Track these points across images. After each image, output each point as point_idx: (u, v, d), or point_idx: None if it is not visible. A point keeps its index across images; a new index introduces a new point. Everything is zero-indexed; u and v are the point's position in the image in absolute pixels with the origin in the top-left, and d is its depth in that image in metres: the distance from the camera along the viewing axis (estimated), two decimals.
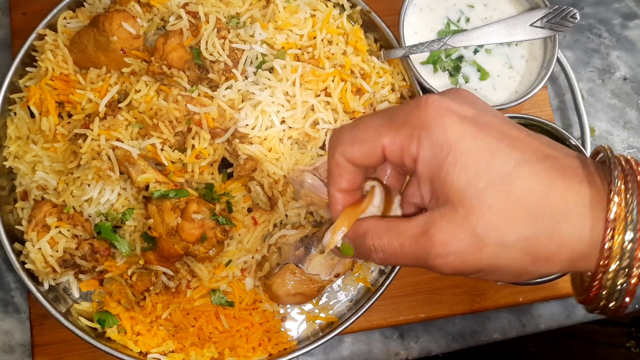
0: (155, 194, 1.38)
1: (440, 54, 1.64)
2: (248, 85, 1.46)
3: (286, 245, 1.43)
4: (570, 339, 2.59)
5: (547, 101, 1.80)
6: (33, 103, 1.48)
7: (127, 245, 1.43)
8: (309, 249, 1.44)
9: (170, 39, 1.45)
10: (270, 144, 1.44)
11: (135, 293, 1.46)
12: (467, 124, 0.81)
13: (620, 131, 1.86)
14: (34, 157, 1.48)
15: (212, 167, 1.48)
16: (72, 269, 1.43)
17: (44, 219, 1.42)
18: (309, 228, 1.45)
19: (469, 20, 1.67)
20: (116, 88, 1.46)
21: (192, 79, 1.47)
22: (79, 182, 1.44)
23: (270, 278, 1.42)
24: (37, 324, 1.54)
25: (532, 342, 2.73)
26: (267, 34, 1.48)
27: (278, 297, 1.43)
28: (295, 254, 1.43)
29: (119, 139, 1.41)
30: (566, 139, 1.58)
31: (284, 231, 1.44)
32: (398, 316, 1.62)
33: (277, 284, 1.41)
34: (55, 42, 1.52)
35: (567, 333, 2.58)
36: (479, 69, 1.65)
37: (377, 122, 0.86)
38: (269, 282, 1.42)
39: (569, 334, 2.57)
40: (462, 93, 0.88)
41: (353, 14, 1.63)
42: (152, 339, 1.46)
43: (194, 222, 1.35)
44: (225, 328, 1.46)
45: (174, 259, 1.40)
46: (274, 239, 1.45)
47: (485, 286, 1.65)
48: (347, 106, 1.48)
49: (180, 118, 1.43)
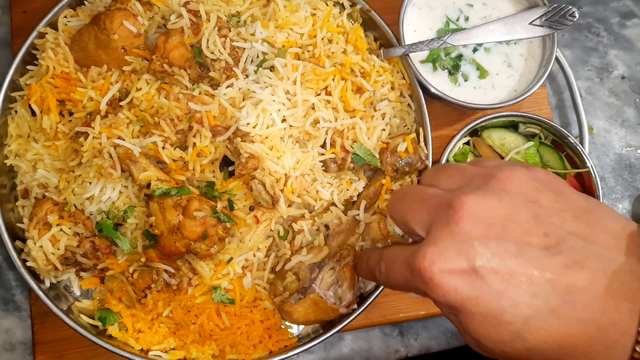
0: (157, 192, 1.38)
1: (440, 52, 1.65)
2: (249, 84, 1.46)
3: (302, 271, 1.43)
4: None
5: (546, 99, 1.81)
6: (34, 101, 1.48)
7: (129, 243, 1.43)
8: (321, 268, 1.45)
9: (171, 38, 1.45)
10: (271, 143, 1.44)
11: (137, 291, 1.46)
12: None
13: (618, 129, 1.87)
14: (34, 155, 1.48)
15: (213, 165, 1.49)
16: (73, 266, 1.44)
17: (45, 216, 1.42)
18: (325, 251, 1.45)
19: (468, 19, 1.68)
20: (117, 86, 1.46)
21: (193, 77, 1.48)
22: (80, 180, 1.44)
23: (290, 305, 1.41)
24: (38, 321, 1.55)
25: None
26: (268, 33, 1.49)
27: (297, 322, 1.45)
28: (311, 277, 1.44)
29: (120, 137, 1.42)
30: (564, 137, 1.59)
31: (301, 257, 1.44)
32: (398, 313, 1.63)
33: (298, 313, 1.41)
34: (56, 41, 1.52)
35: None
36: (478, 67, 1.66)
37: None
38: (289, 309, 1.41)
39: None
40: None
41: (353, 12, 1.64)
42: (153, 336, 1.46)
43: (196, 220, 1.35)
44: (226, 325, 1.47)
45: (175, 257, 1.41)
46: (290, 265, 1.44)
47: None
48: (348, 105, 1.49)
49: (182, 116, 1.43)
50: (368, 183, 1.56)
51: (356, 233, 1.49)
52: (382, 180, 1.52)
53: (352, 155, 1.50)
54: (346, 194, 1.53)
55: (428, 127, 1.56)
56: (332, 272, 1.43)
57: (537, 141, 1.61)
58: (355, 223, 1.49)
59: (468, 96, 1.64)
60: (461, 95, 1.63)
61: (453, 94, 1.63)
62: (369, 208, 1.51)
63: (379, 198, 1.52)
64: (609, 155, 1.86)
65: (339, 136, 1.49)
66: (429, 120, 1.57)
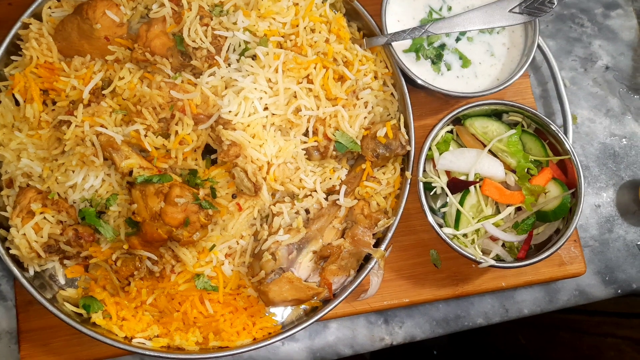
0: (139, 179, 1.39)
1: (423, 41, 1.66)
2: (231, 72, 1.47)
3: (279, 250, 1.44)
4: (559, 329, 2.61)
5: (529, 89, 1.82)
6: (17, 91, 1.49)
7: (112, 230, 1.44)
8: (300, 251, 1.46)
9: (153, 27, 1.46)
10: (253, 131, 1.45)
11: (120, 279, 1.47)
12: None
13: (602, 119, 1.88)
14: (18, 145, 1.49)
15: (195, 153, 1.50)
16: (56, 254, 1.45)
17: (28, 205, 1.43)
18: (303, 232, 1.46)
19: (451, 9, 1.69)
20: (100, 75, 1.47)
21: (175, 66, 1.49)
22: (64, 169, 1.45)
23: (266, 285, 1.42)
24: (23, 310, 1.55)
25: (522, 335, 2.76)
26: (250, 22, 1.50)
27: (274, 302, 1.45)
28: (288, 258, 1.44)
29: (102, 125, 1.43)
30: (547, 125, 1.60)
31: (277, 237, 1.45)
32: (382, 301, 1.63)
33: (273, 292, 1.42)
34: (39, 31, 1.53)
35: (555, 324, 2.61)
36: (460, 56, 1.67)
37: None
38: (264, 289, 1.42)
39: (558, 325, 2.59)
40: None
41: (336, 2, 1.65)
42: (137, 323, 1.47)
43: (177, 207, 1.36)
44: (210, 313, 1.48)
45: (157, 244, 1.41)
46: (267, 245, 1.45)
47: (468, 271, 1.67)
48: (330, 93, 1.50)
49: (164, 104, 1.44)
50: (350, 169, 1.57)
51: (337, 217, 1.49)
52: (363, 166, 1.53)
53: (335, 143, 1.51)
54: (329, 182, 1.53)
55: (410, 114, 1.57)
56: (312, 255, 1.44)
57: (519, 129, 1.62)
58: (336, 207, 1.50)
59: (451, 85, 1.65)
60: (444, 84, 1.64)
61: (436, 82, 1.64)
62: (349, 193, 1.52)
63: (359, 183, 1.53)
64: (593, 145, 1.86)
65: (321, 124, 1.50)
66: (411, 108, 1.58)
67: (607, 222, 1.82)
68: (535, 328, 2.73)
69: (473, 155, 1.58)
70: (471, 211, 1.58)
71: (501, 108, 1.64)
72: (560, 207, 1.56)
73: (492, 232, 1.55)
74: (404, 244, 1.67)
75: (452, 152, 1.60)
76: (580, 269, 1.71)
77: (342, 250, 1.47)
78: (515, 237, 1.57)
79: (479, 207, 1.58)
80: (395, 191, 1.58)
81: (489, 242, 1.59)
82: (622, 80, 1.91)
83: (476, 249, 1.56)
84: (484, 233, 1.58)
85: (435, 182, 1.59)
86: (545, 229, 1.61)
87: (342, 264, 1.48)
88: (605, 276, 1.79)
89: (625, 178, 1.84)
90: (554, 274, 1.69)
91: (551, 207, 1.57)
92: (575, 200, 1.56)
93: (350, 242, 1.48)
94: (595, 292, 1.78)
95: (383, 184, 1.57)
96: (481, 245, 1.58)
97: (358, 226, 1.48)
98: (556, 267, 1.69)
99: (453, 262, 1.66)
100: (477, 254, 1.54)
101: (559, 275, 1.70)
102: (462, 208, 1.56)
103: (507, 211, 1.57)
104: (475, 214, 1.58)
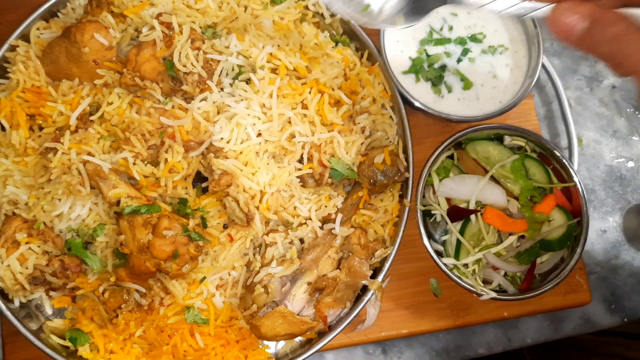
0: (126, 210, 1.34)
1: (423, 63, 1.60)
2: (224, 97, 1.43)
3: (272, 283, 1.38)
4: (566, 348, 2.56)
5: (533, 110, 1.76)
6: (4, 116, 1.45)
7: (99, 261, 1.39)
8: (294, 282, 1.40)
9: (143, 50, 1.42)
10: (246, 158, 1.40)
11: (108, 310, 1.42)
12: None
13: (608, 140, 1.82)
14: (4, 171, 1.44)
15: (186, 181, 1.45)
16: (42, 286, 1.40)
17: (13, 234, 1.39)
18: (297, 263, 1.41)
19: (452, 29, 1.64)
20: (88, 100, 1.43)
21: (166, 90, 1.44)
22: (50, 197, 1.41)
23: (258, 319, 1.37)
24: (9, 341, 1.51)
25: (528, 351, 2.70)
26: (243, 46, 1.45)
27: (266, 337, 1.39)
28: (282, 290, 1.39)
29: (90, 152, 1.38)
30: (551, 150, 1.55)
31: (270, 269, 1.39)
32: (379, 332, 1.58)
33: (266, 326, 1.37)
34: (27, 54, 1.49)
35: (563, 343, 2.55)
36: (462, 78, 1.61)
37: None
38: (257, 323, 1.37)
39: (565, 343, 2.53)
40: None
41: (333, 22, 1.60)
42: (126, 357, 1.42)
43: (166, 239, 1.32)
44: (200, 346, 1.43)
45: (145, 276, 1.37)
46: (259, 277, 1.40)
47: (469, 301, 1.61)
48: (325, 118, 1.45)
49: (153, 131, 1.39)
50: (346, 197, 1.52)
51: (333, 247, 1.44)
52: (360, 193, 1.48)
53: (330, 170, 1.46)
54: (325, 210, 1.48)
55: (409, 139, 1.52)
56: (306, 287, 1.39)
57: (522, 154, 1.56)
58: (331, 237, 1.45)
59: (452, 108, 1.60)
60: (445, 107, 1.59)
61: (436, 105, 1.59)
62: (346, 221, 1.47)
63: (356, 211, 1.48)
64: (600, 167, 1.81)
65: (316, 150, 1.45)
66: (409, 132, 1.53)
67: (613, 247, 1.76)
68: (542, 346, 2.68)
69: (474, 182, 1.53)
70: (472, 240, 1.53)
71: (504, 132, 1.58)
72: (565, 236, 1.50)
73: (493, 263, 1.50)
74: (403, 272, 1.61)
75: (453, 178, 1.55)
76: (585, 298, 1.65)
77: (338, 282, 1.42)
78: (517, 268, 1.52)
79: (480, 235, 1.53)
80: (393, 219, 1.53)
81: (490, 271, 1.53)
82: (629, 101, 1.85)
83: (477, 279, 1.51)
84: (486, 262, 1.53)
85: (435, 210, 1.54)
86: (550, 258, 1.55)
87: (338, 296, 1.43)
88: (611, 304, 1.73)
89: (632, 202, 1.78)
90: (558, 304, 1.64)
91: (555, 235, 1.51)
92: (580, 228, 1.51)
93: (346, 274, 1.43)
94: (601, 321, 1.72)
95: (381, 211, 1.51)
96: (482, 275, 1.53)
97: (354, 257, 1.43)
98: (560, 297, 1.64)
99: (454, 291, 1.60)
100: (477, 285, 1.48)
101: (564, 305, 1.64)
102: (463, 238, 1.50)
103: (509, 240, 1.52)
104: (477, 243, 1.53)
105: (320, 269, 1.44)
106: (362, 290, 1.49)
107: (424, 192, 1.56)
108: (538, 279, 1.55)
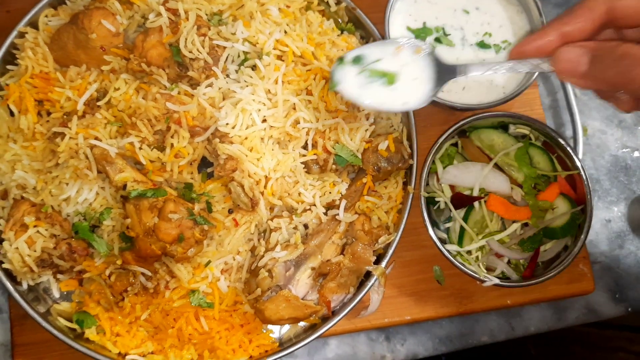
0: (133, 194, 1.36)
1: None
2: (229, 83, 1.44)
3: (276, 267, 1.40)
4: (570, 343, 2.56)
5: (538, 100, 1.76)
6: (12, 101, 1.47)
7: (105, 245, 1.41)
8: (298, 267, 1.41)
9: (150, 37, 1.43)
10: (251, 144, 1.41)
11: (114, 293, 1.44)
12: None
13: (614, 130, 1.82)
14: (13, 156, 1.46)
15: (191, 166, 1.46)
16: (50, 268, 1.42)
17: (22, 218, 1.40)
18: (301, 248, 1.42)
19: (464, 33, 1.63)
20: (95, 86, 1.44)
21: (172, 76, 1.45)
22: (57, 181, 1.42)
23: (262, 303, 1.38)
24: (17, 324, 1.53)
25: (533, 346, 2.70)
26: (249, 33, 1.46)
27: (270, 321, 1.41)
28: (286, 275, 1.40)
29: (97, 137, 1.39)
30: (556, 139, 1.55)
31: (275, 254, 1.40)
32: (383, 318, 1.59)
33: (270, 310, 1.38)
34: (35, 40, 1.50)
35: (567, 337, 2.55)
36: None
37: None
38: (261, 307, 1.38)
39: (569, 337, 2.53)
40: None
41: (338, 10, 1.61)
42: (131, 340, 1.44)
43: (171, 222, 1.33)
44: (205, 330, 1.44)
45: (151, 259, 1.38)
46: (264, 262, 1.41)
47: (473, 288, 1.62)
48: (329, 105, 1.46)
49: (159, 116, 1.41)
50: (350, 183, 1.52)
51: (336, 232, 1.45)
52: (364, 179, 1.48)
53: (334, 157, 1.46)
54: (329, 196, 1.49)
55: (413, 127, 1.53)
56: (310, 272, 1.40)
57: (526, 142, 1.56)
58: (335, 223, 1.46)
59: (457, 96, 1.60)
60: (450, 96, 1.59)
61: (441, 94, 1.59)
62: (350, 208, 1.48)
63: (360, 198, 1.49)
64: (604, 157, 1.80)
65: (320, 137, 1.46)
66: (414, 120, 1.53)
67: (617, 237, 1.76)
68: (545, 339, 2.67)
69: (478, 170, 1.53)
70: (476, 227, 1.53)
71: (508, 120, 1.59)
72: (569, 223, 1.50)
73: (497, 250, 1.50)
74: (406, 259, 1.62)
75: (457, 166, 1.55)
76: (589, 287, 1.65)
77: (342, 267, 1.43)
78: (521, 255, 1.52)
79: (484, 222, 1.53)
80: (397, 206, 1.54)
81: (494, 258, 1.54)
82: None
83: (480, 266, 1.52)
84: (489, 250, 1.53)
85: (438, 197, 1.55)
86: (553, 245, 1.55)
87: (342, 282, 1.44)
88: (615, 294, 1.73)
89: (637, 192, 1.78)
90: (562, 292, 1.64)
91: (559, 223, 1.51)
92: (584, 216, 1.51)
93: (350, 259, 1.44)
94: (605, 310, 1.73)
95: (384, 198, 1.52)
96: (486, 262, 1.53)
97: (358, 243, 1.44)
98: (564, 285, 1.64)
99: (457, 278, 1.61)
100: (480, 272, 1.49)
101: (567, 293, 1.65)
102: (466, 225, 1.51)
103: (512, 227, 1.52)
104: (480, 230, 1.53)
105: (324, 254, 1.45)
106: (366, 276, 1.50)
107: (428, 180, 1.56)
108: (541, 266, 1.56)
